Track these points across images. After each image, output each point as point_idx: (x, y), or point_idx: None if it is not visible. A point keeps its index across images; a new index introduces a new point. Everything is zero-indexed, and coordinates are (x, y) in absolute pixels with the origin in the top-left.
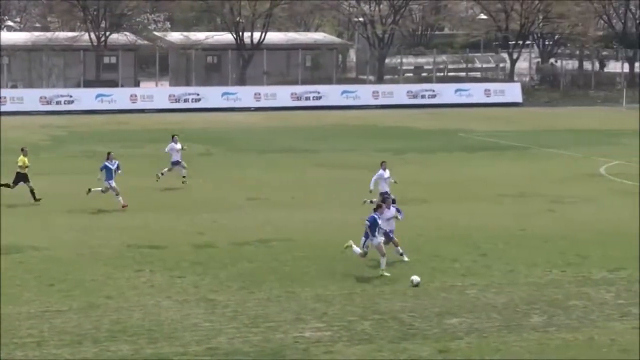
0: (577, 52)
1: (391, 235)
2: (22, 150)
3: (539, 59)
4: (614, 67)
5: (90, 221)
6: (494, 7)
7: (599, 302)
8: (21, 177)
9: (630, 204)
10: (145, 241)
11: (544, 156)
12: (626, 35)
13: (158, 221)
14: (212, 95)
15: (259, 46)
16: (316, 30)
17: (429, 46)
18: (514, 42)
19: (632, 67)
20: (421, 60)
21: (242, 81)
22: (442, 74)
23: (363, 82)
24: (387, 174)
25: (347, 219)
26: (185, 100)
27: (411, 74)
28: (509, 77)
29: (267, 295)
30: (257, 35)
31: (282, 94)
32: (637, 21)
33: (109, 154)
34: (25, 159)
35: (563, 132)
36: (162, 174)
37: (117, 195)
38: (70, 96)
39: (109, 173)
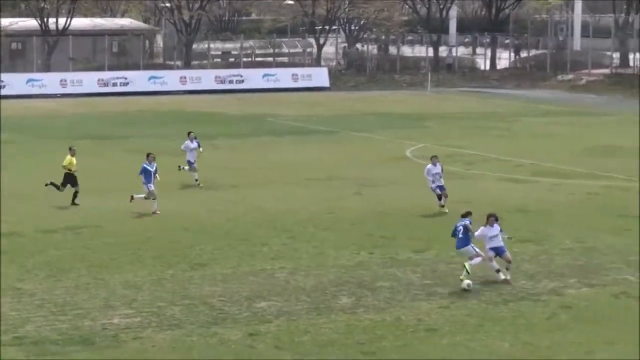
0: (383, 37)
1: (501, 252)
2: (70, 149)
3: (346, 44)
4: (419, 51)
5: None
6: None
7: (406, 283)
8: (69, 179)
9: None
10: None
11: (351, 140)
12: (430, 20)
13: None
14: (16, 82)
15: (64, 32)
16: (122, 15)
17: (237, 31)
18: (320, 27)
19: (436, 51)
20: (229, 45)
21: (47, 67)
22: (249, 59)
23: (171, 67)
24: (437, 168)
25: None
26: None
27: (219, 60)
28: (316, 62)
29: (75, 283)
30: (62, 21)
31: (89, 80)
32: (441, 6)
33: (148, 155)
34: (73, 159)
35: (370, 116)
36: (182, 167)
37: (153, 199)
38: None
39: (148, 176)
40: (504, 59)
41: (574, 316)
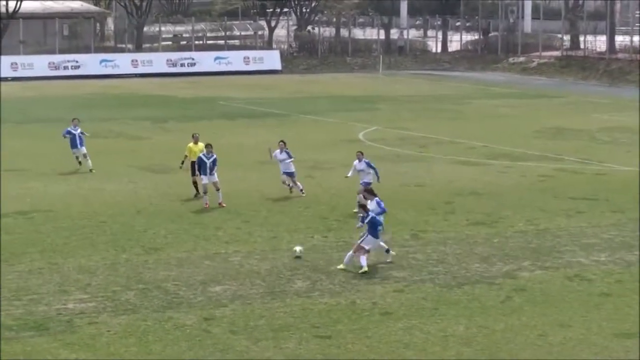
0: (334, 20)
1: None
2: (193, 136)
3: (297, 27)
4: (370, 34)
5: None
6: None
7: (360, 266)
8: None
9: (387, 168)
10: None
11: (303, 123)
12: (381, 3)
13: None
14: None
15: (14, 15)
16: None
17: (187, 14)
18: (271, 10)
19: (387, 33)
20: (180, 28)
21: None
22: (201, 42)
23: (122, 50)
24: (361, 165)
25: (106, 188)
26: None
27: (170, 43)
28: (268, 45)
29: (28, 268)
30: (12, 4)
31: (40, 64)
32: None
33: (207, 145)
34: (195, 147)
35: (322, 99)
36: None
37: (204, 193)
38: None
39: (204, 168)
40: (455, 41)
41: (528, 299)
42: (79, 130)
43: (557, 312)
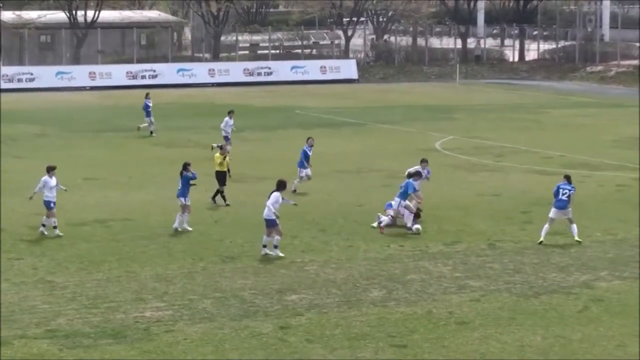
0: (411, 29)
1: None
2: (221, 147)
3: (374, 36)
4: (447, 43)
5: None
6: None
7: (437, 276)
8: (218, 177)
9: (464, 178)
10: None
11: (379, 132)
12: (458, 12)
13: None
14: (46, 75)
15: (93, 25)
16: (150, 8)
17: (264, 23)
18: (348, 19)
19: (464, 43)
20: (257, 37)
21: (76, 60)
22: (277, 51)
23: (199, 60)
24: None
25: None
26: (19, 80)
27: (247, 52)
28: (344, 54)
29: (106, 276)
30: (90, 13)
31: (118, 73)
32: None
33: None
34: (220, 156)
35: (398, 108)
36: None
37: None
38: None
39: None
40: (533, 50)
41: (606, 309)
42: (311, 151)
43: (635, 322)
